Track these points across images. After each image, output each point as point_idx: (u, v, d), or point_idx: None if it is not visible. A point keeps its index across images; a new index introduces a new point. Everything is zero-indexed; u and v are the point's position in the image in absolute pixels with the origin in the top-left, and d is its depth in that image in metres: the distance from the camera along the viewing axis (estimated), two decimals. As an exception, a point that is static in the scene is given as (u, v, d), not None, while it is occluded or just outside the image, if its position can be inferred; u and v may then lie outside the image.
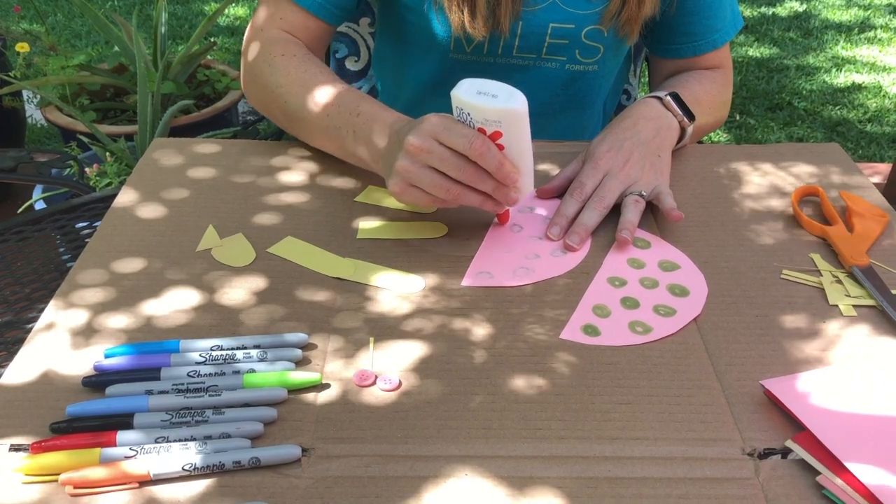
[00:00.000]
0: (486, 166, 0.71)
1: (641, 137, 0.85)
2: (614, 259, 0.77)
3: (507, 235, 0.80)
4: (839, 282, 0.74)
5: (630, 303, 0.71)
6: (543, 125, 1.03)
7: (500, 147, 0.71)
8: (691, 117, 0.90)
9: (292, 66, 0.90)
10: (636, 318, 0.69)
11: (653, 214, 0.84)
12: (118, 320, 0.68)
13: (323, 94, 0.86)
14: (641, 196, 0.81)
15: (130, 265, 0.75)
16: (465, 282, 0.73)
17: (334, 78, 0.89)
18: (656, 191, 0.82)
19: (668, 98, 0.90)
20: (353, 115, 0.83)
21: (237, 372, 0.63)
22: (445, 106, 1.04)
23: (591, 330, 0.68)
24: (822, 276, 0.75)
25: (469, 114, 0.70)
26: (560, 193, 0.85)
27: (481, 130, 0.70)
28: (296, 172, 0.90)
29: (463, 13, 0.90)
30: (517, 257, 0.77)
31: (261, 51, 0.93)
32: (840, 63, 3.07)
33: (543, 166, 0.91)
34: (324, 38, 1.00)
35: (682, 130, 0.91)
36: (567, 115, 1.05)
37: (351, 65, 1.26)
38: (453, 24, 0.92)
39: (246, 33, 0.96)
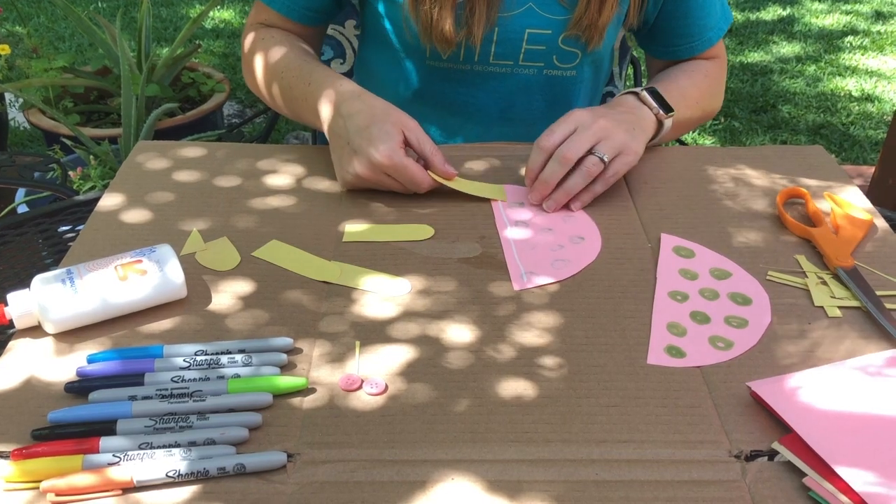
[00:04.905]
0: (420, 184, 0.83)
1: (615, 112, 0.86)
2: (666, 272, 0.75)
3: (518, 233, 0.80)
4: (824, 283, 0.74)
5: (700, 317, 0.70)
6: (524, 132, 1.03)
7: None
8: (669, 110, 0.90)
9: (270, 48, 0.96)
10: (713, 333, 0.68)
11: (626, 185, 0.86)
12: (102, 325, 0.68)
13: (286, 68, 0.94)
14: (602, 161, 0.81)
15: (114, 269, 0.74)
16: (517, 286, 0.73)
17: (301, 53, 0.95)
18: (621, 150, 0.83)
19: (644, 93, 0.91)
20: (305, 85, 0.90)
21: (222, 377, 0.62)
22: (426, 113, 1.05)
23: (675, 352, 0.66)
24: (807, 277, 0.75)
25: None
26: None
27: None
28: (281, 175, 0.89)
29: (430, 22, 0.91)
30: (545, 251, 0.78)
31: (250, 41, 1.00)
32: (823, 67, 3.10)
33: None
34: (308, 38, 1.01)
35: (660, 124, 0.91)
36: (547, 121, 1.04)
37: (336, 67, 1.26)
38: (418, 33, 0.93)
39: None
